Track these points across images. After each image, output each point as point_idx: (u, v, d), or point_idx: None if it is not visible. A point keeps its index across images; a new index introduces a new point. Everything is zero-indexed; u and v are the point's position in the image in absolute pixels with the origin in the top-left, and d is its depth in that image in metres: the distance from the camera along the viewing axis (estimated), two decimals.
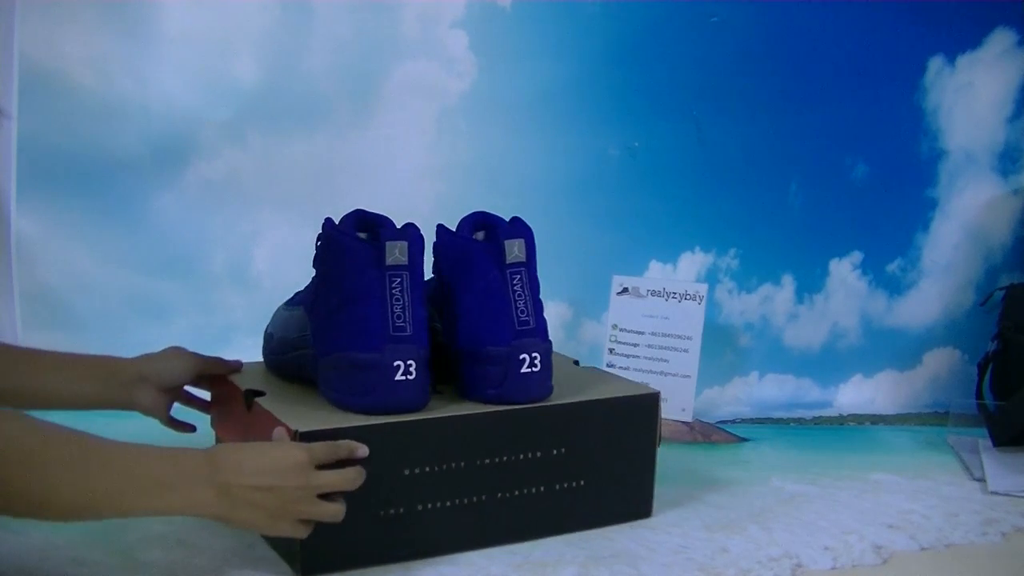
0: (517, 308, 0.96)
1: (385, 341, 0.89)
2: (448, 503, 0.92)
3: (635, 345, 1.43)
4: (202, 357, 1.02)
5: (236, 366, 1.04)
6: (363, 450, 0.85)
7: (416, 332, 0.90)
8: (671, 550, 0.97)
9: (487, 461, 0.94)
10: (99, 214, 1.41)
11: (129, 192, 1.41)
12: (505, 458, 0.95)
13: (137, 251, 1.43)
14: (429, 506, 0.91)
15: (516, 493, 0.96)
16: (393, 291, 0.90)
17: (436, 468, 0.91)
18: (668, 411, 1.39)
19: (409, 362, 0.90)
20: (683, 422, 1.39)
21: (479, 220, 1.01)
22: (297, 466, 0.80)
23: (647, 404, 1.03)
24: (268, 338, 1.06)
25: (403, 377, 0.90)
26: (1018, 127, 1.50)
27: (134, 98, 1.39)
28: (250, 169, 1.44)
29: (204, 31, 1.40)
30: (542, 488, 0.97)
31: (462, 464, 0.93)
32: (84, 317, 1.40)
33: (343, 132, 1.45)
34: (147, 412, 0.99)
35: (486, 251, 0.96)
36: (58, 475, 0.74)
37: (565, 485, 0.99)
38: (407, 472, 0.90)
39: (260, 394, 0.95)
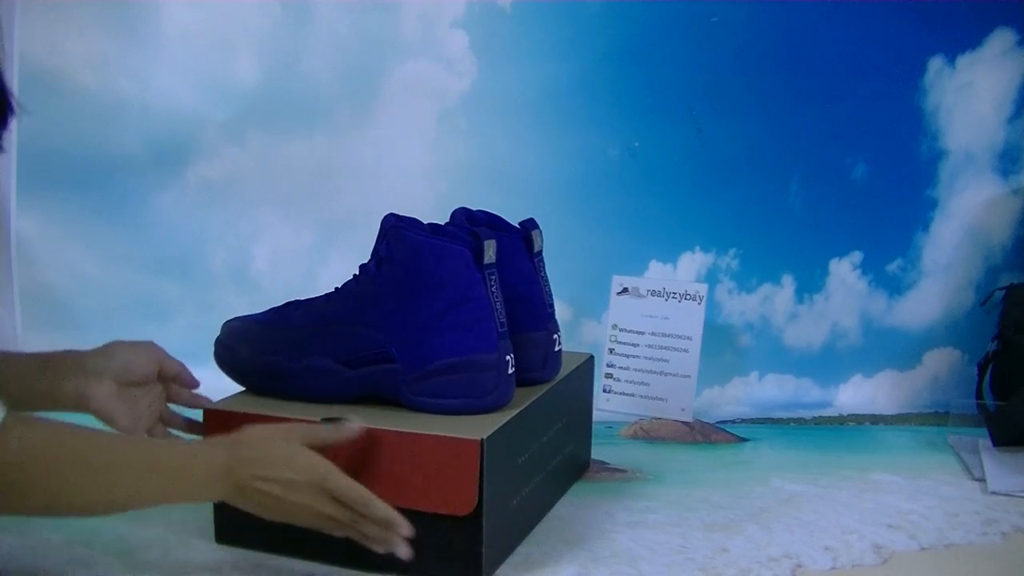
0: (545, 293, 1.02)
1: (498, 339, 0.91)
2: (533, 482, 0.97)
3: (635, 345, 1.43)
4: (166, 355, 0.94)
5: (194, 383, 0.96)
6: (406, 529, 0.82)
7: (508, 327, 0.93)
8: (671, 550, 0.97)
9: (544, 439, 1.01)
10: (99, 214, 1.42)
11: (129, 192, 1.42)
12: (551, 433, 1.03)
13: (137, 251, 1.43)
14: (527, 490, 0.96)
15: (554, 462, 1.05)
16: (492, 289, 0.91)
17: (528, 453, 0.96)
18: (668, 411, 1.40)
19: (512, 356, 0.93)
20: (683, 422, 1.39)
21: (468, 216, 1.02)
22: (307, 485, 0.80)
23: (590, 365, 1.17)
24: (285, 368, 0.95)
25: (511, 372, 0.93)
26: (1018, 127, 1.50)
27: (134, 98, 1.40)
28: (250, 169, 1.44)
29: (204, 31, 1.40)
30: (560, 456, 1.07)
31: (535, 446, 0.98)
32: (84, 317, 1.40)
33: (343, 132, 1.45)
34: (101, 411, 0.89)
35: (514, 243, 0.99)
36: (79, 477, 0.74)
37: (568, 449, 1.10)
38: (520, 461, 0.93)
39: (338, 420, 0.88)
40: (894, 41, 1.47)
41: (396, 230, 0.91)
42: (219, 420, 0.91)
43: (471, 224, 0.99)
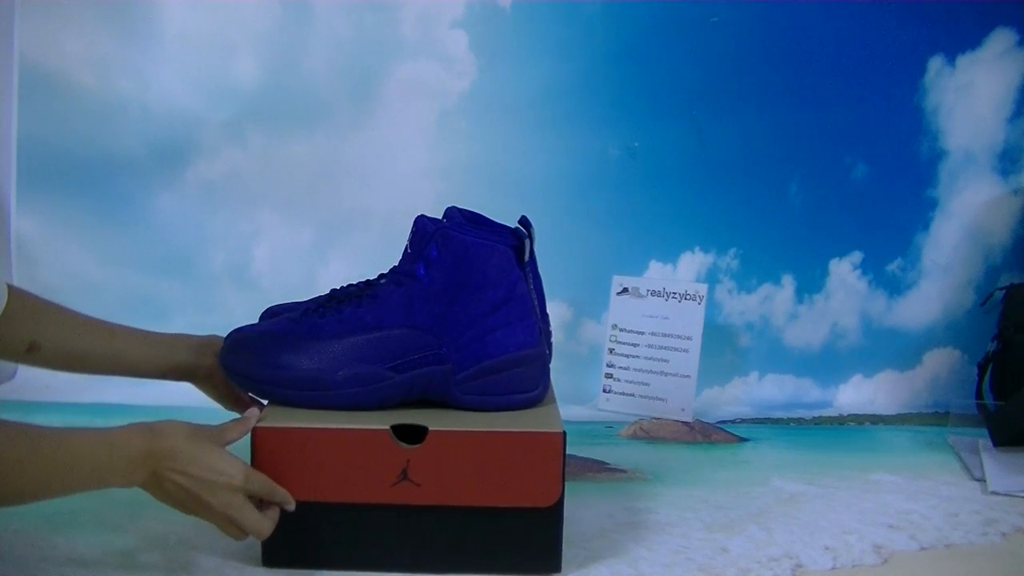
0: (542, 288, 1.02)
1: (540, 333, 0.93)
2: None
3: (635, 345, 1.43)
4: None
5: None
6: (291, 505, 0.86)
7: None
8: (671, 550, 0.97)
9: None
10: (99, 214, 1.42)
11: (129, 192, 1.42)
12: None
13: (137, 251, 1.43)
14: None
15: None
16: (531, 286, 0.93)
17: None
18: (668, 411, 1.40)
19: (548, 349, 0.95)
20: (683, 422, 1.39)
21: (467, 215, 1.02)
22: (227, 487, 0.82)
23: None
24: (325, 378, 0.90)
25: (550, 364, 0.95)
26: (1018, 127, 1.50)
27: (134, 98, 1.40)
28: (250, 169, 1.44)
29: (204, 31, 1.40)
30: None
31: None
32: None
33: (343, 132, 1.45)
34: (207, 382, 1.01)
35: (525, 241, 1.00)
36: (5, 469, 0.76)
37: None
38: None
39: (423, 428, 0.87)
40: (894, 41, 1.47)
41: (445, 231, 0.90)
42: (273, 438, 0.86)
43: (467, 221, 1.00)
